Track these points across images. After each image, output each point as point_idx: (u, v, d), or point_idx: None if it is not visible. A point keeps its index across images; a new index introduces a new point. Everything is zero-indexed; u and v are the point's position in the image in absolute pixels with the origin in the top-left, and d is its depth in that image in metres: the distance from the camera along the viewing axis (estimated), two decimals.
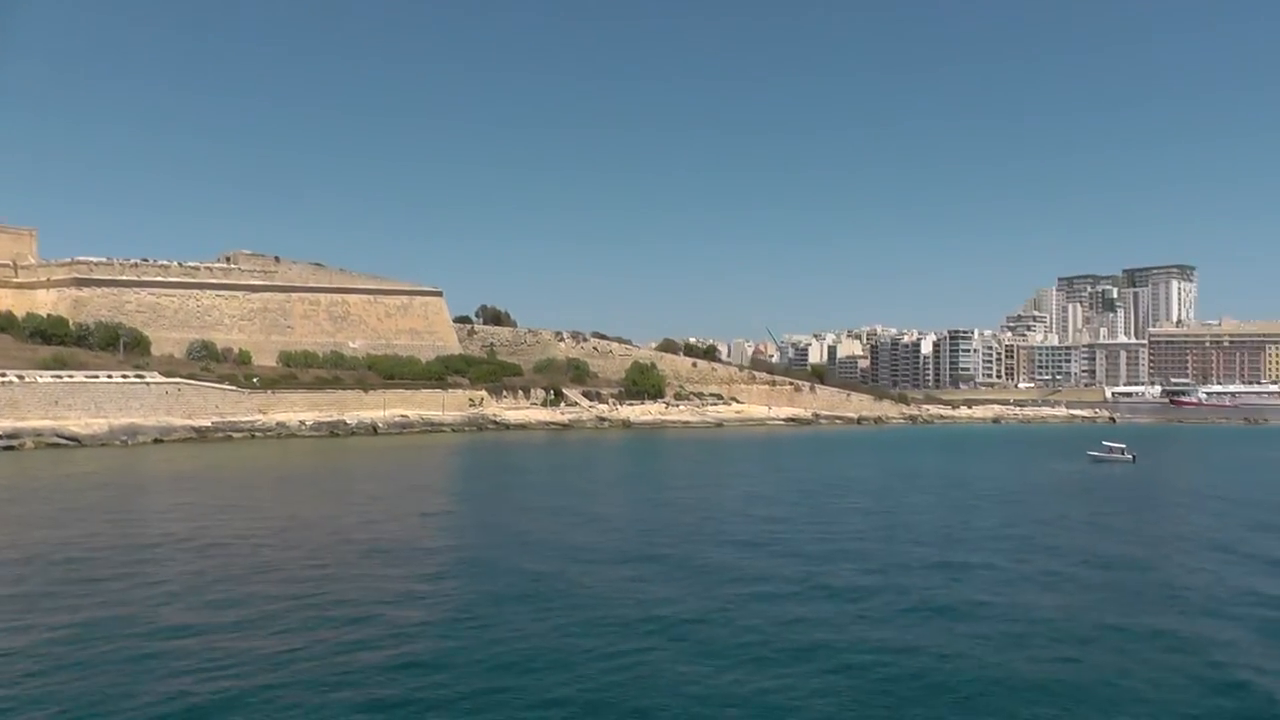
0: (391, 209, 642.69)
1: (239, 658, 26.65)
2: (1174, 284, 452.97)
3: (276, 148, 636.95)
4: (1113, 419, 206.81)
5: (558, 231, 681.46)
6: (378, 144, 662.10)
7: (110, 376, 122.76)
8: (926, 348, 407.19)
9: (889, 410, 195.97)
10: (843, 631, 30.16)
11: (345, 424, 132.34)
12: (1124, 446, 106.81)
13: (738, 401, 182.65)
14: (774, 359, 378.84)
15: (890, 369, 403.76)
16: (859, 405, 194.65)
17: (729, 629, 30.38)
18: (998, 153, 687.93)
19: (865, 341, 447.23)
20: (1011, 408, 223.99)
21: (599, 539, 47.77)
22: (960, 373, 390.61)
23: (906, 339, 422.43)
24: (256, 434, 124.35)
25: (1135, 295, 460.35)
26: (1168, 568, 42.14)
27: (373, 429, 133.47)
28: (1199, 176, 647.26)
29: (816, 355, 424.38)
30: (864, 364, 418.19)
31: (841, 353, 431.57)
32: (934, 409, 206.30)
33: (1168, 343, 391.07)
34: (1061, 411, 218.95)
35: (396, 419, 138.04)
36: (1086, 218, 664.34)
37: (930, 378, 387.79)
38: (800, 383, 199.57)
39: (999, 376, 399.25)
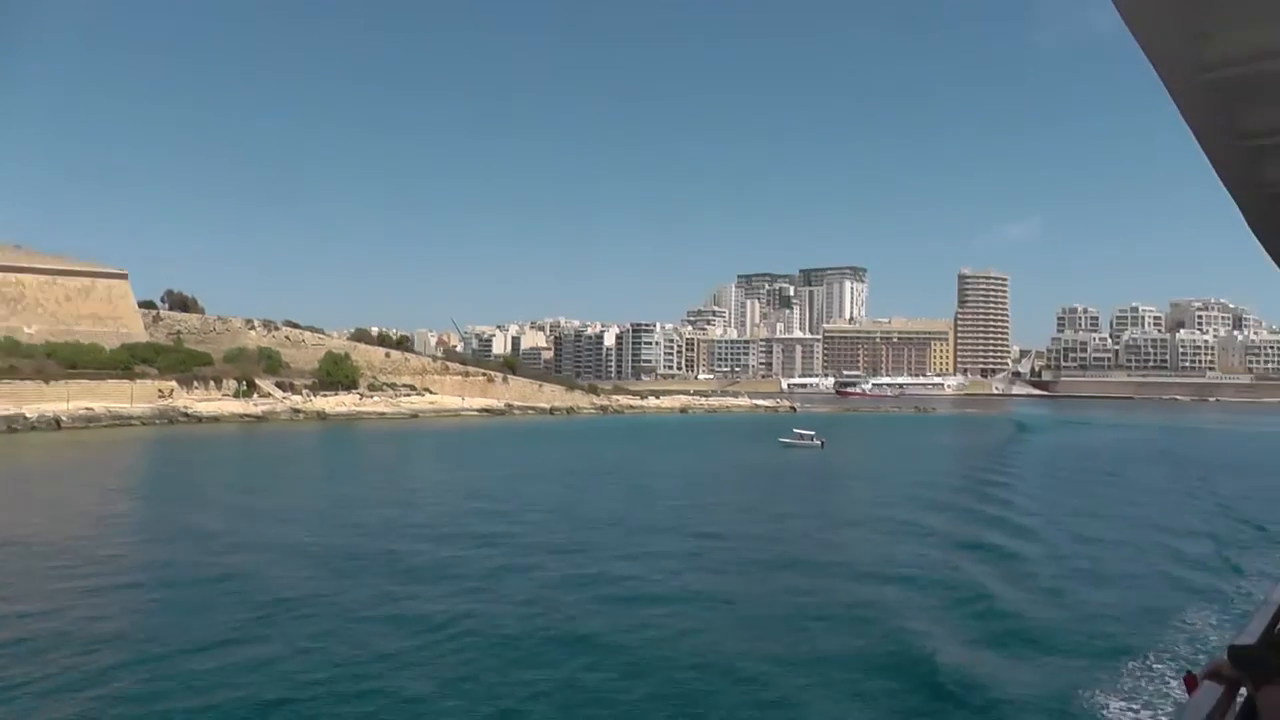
0: (68, 183, 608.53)
1: None
2: (847, 284, 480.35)
3: None
4: (793, 408, 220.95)
5: (244, 217, 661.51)
6: (54, 116, 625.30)
7: None
8: (609, 340, 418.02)
9: (580, 401, 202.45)
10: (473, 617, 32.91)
11: (25, 418, 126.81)
12: (813, 433, 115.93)
13: (431, 392, 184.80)
14: (458, 349, 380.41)
15: (574, 360, 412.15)
16: (551, 396, 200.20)
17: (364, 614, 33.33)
18: (680, 154, 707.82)
19: (549, 333, 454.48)
20: (697, 398, 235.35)
21: (287, 535, 49.13)
22: (642, 364, 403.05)
23: (590, 331, 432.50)
24: None
25: (811, 293, 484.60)
26: (845, 539, 50.94)
27: (55, 423, 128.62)
28: (870, 181, 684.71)
29: (501, 346, 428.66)
30: (548, 355, 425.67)
31: (525, 344, 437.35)
32: (624, 399, 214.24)
33: (841, 338, 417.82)
34: (745, 401, 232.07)
35: (81, 412, 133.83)
36: (765, 220, 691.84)
37: (613, 369, 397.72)
38: (493, 374, 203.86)
39: (680, 368, 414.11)
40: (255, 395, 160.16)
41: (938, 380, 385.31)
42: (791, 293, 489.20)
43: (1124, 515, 59.60)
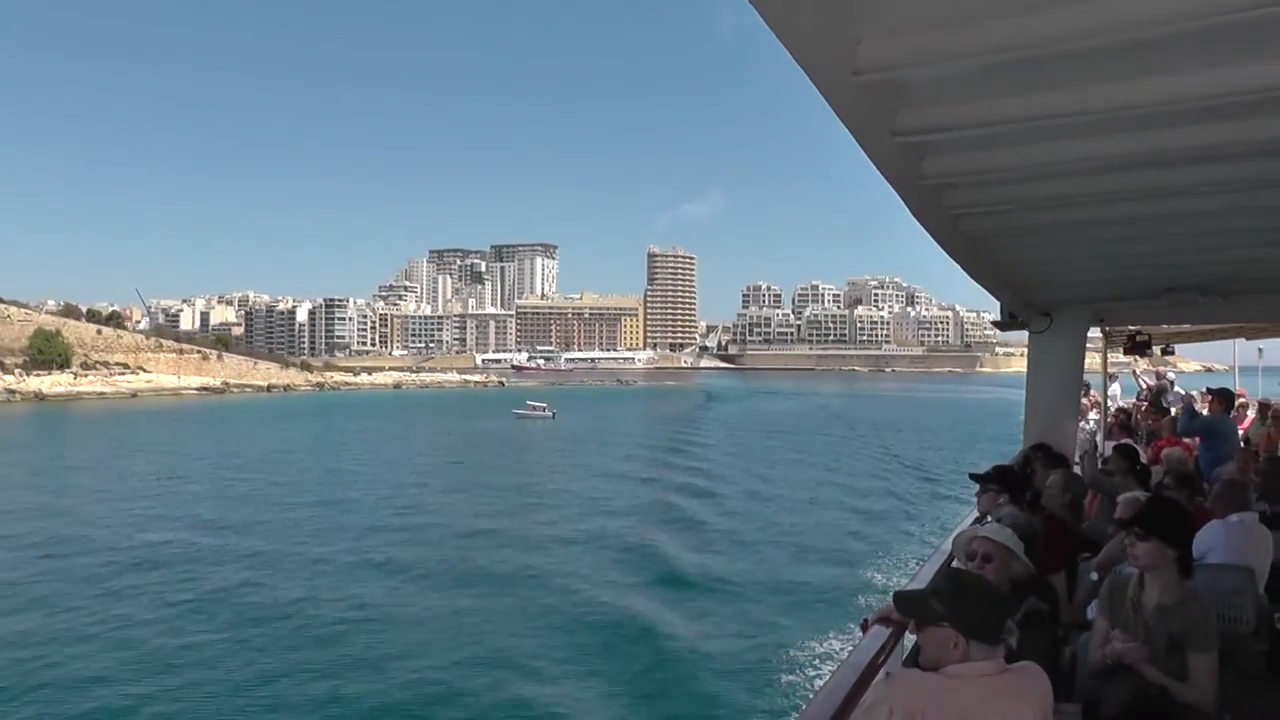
0: None
1: None
2: (539, 260, 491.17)
3: None
4: (502, 382, 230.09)
5: None
6: None
7: None
8: (302, 315, 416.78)
9: (295, 378, 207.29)
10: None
11: None
12: (545, 405, 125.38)
13: (145, 371, 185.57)
14: (142, 324, 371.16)
15: (266, 336, 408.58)
16: (267, 373, 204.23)
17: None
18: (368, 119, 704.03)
19: (239, 308, 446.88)
20: (409, 374, 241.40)
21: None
22: (336, 340, 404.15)
23: (282, 306, 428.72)
24: None
25: (503, 269, 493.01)
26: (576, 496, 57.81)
27: None
28: (559, 158, 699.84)
29: (188, 321, 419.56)
30: (238, 331, 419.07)
31: (214, 319, 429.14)
32: (338, 376, 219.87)
33: (534, 314, 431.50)
34: (456, 377, 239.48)
35: None
36: (456, 196, 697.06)
37: (307, 345, 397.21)
38: (208, 350, 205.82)
39: (374, 344, 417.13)
40: None
41: (629, 355, 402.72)
42: (484, 268, 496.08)
43: (810, 474, 65.55)
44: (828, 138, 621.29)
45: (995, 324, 15.00)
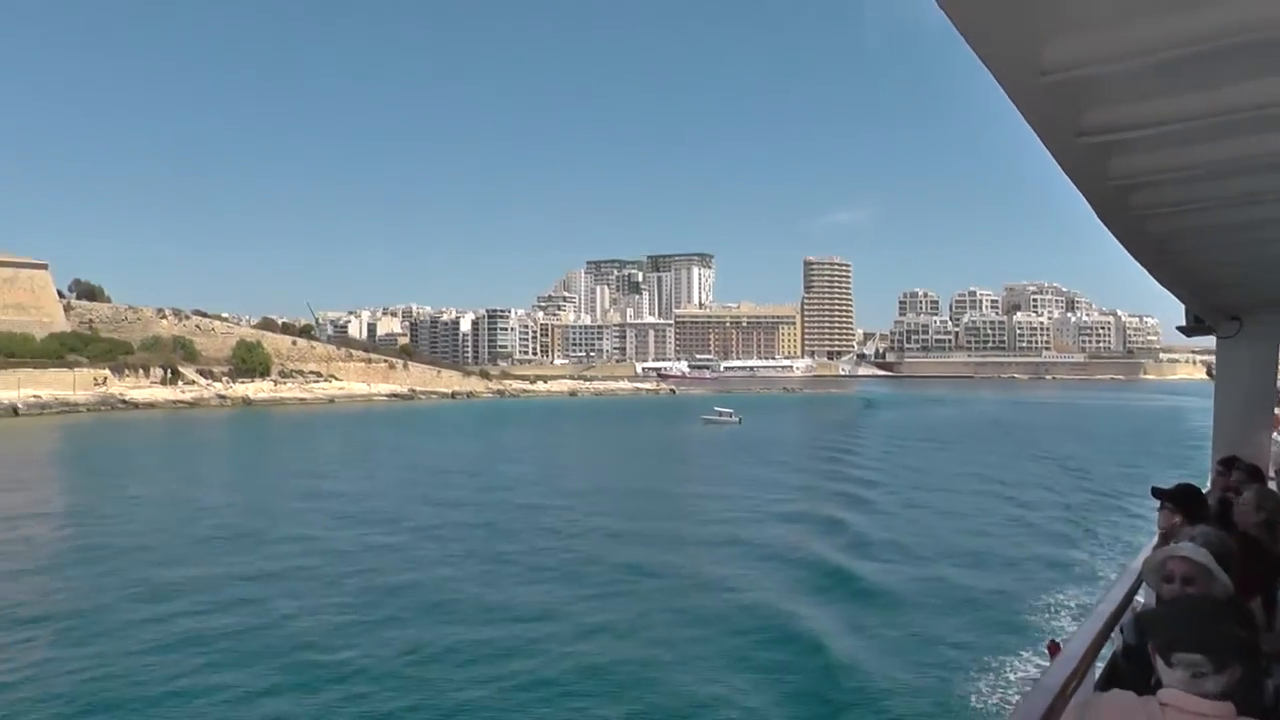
0: None
1: None
2: (694, 270, 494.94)
3: None
4: (672, 390, 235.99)
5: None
6: None
7: None
8: (466, 326, 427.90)
9: (477, 385, 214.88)
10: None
11: None
12: (731, 411, 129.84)
13: (336, 379, 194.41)
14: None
15: (430, 346, 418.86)
16: (450, 381, 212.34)
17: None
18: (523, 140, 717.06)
19: (403, 319, 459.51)
20: (582, 382, 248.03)
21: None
22: (499, 350, 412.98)
23: (445, 317, 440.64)
24: None
25: (659, 279, 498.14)
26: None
27: (13, 410, 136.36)
28: (711, 170, 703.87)
29: (355, 332, 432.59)
30: (404, 341, 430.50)
31: (381, 330, 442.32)
32: (516, 384, 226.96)
33: (692, 323, 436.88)
34: (627, 385, 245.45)
35: (31, 399, 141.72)
36: (611, 208, 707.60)
37: (470, 355, 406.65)
38: (393, 360, 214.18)
39: (535, 354, 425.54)
40: (180, 382, 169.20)
41: (786, 363, 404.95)
42: (640, 279, 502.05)
43: (974, 484, 64.31)
44: (981, 142, 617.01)
45: (1180, 329, 14.93)
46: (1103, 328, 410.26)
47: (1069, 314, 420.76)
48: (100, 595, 33.32)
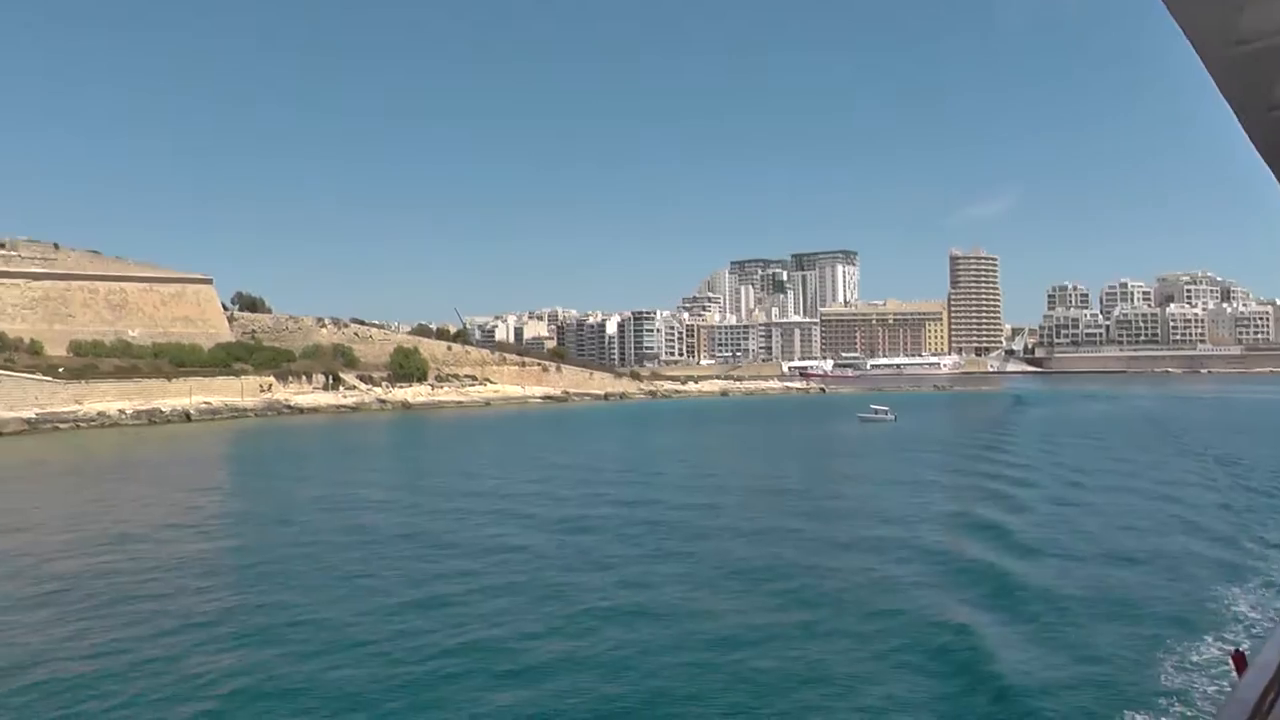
0: (120, 188, 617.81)
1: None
2: (839, 268, 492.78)
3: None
4: (822, 389, 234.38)
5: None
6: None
7: None
8: (611, 328, 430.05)
9: (629, 387, 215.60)
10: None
11: (161, 412, 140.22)
12: (887, 408, 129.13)
13: (491, 383, 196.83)
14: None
15: (577, 349, 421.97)
16: (602, 383, 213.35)
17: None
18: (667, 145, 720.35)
19: (549, 323, 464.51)
20: (732, 382, 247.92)
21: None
22: (645, 351, 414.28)
23: (591, 320, 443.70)
24: (80, 424, 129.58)
25: (803, 278, 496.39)
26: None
27: (186, 416, 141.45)
28: (860, 173, 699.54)
29: (503, 335, 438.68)
30: (550, 344, 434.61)
31: (528, 334, 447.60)
32: (667, 385, 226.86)
33: (837, 321, 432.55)
34: (777, 384, 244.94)
35: (202, 406, 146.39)
36: (753, 208, 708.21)
37: (616, 357, 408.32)
38: (546, 363, 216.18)
39: (681, 354, 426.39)
40: (341, 388, 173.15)
41: (934, 360, 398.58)
42: (784, 277, 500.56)
43: (1134, 483, 62.08)
44: (1129, 127, 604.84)
45: None
46: (1260, 318, 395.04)
47: (1224, 304, 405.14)
48: (332, 591, 34.54)
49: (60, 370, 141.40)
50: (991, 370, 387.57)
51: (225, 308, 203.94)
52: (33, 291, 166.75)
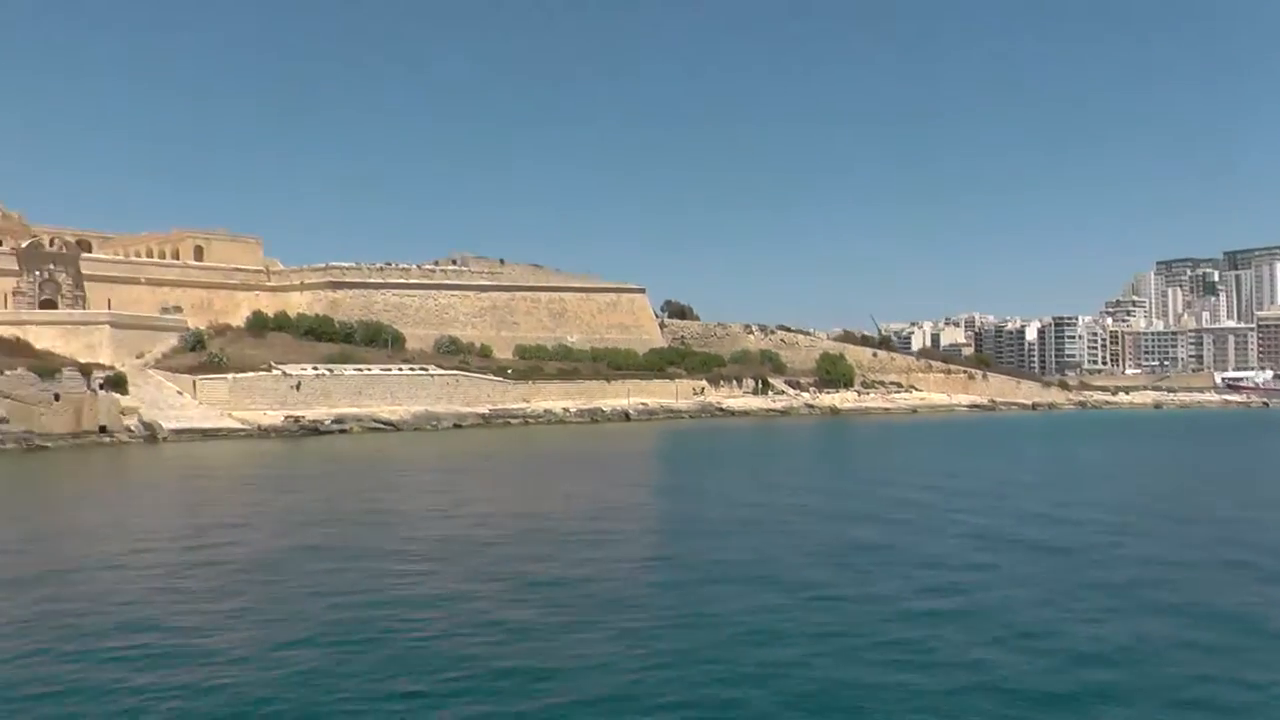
0: (557, 206, 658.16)
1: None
2: (1278, 265, 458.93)
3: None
4: (1266, 404, 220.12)
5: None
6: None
7: (400, 369, 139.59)
8: (1031, 335, 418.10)
9: (1056, 396, 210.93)
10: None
11: (602, 411, 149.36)
12: None
13: (916, 390, 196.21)
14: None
15: (994, 355, 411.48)
16: (1029, 392, 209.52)
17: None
18: (1082, 139, 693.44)
19: (966, 329, 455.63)
20: (1165, 393, 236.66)
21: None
22: (1066, 359, 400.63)
23: (1010, 326, 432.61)
24: (529, 420, 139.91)
25: (1237, 278, 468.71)
26: None
27: (625, 416, 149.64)
28: None
29: (919, 342, 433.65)
30: (967, 351, 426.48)
31: (944, 340, 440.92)
32: (1098, 395, 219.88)
33: (1276, 326, 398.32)
34: (1214, 397, 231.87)
35: (639, 406, 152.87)
36: (1181, 201, 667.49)
37: (1036, 364, 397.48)
38: (972, 371, 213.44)
39: (1104, 363, 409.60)
40: (770, 393, 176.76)
41: None
42: (1216, 278, 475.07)
43: None
44: None
45: None
46: None
47: None
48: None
49: (509, 372, 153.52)
50: None
51: (655, 315, 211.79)
52: (482, 302, 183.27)
